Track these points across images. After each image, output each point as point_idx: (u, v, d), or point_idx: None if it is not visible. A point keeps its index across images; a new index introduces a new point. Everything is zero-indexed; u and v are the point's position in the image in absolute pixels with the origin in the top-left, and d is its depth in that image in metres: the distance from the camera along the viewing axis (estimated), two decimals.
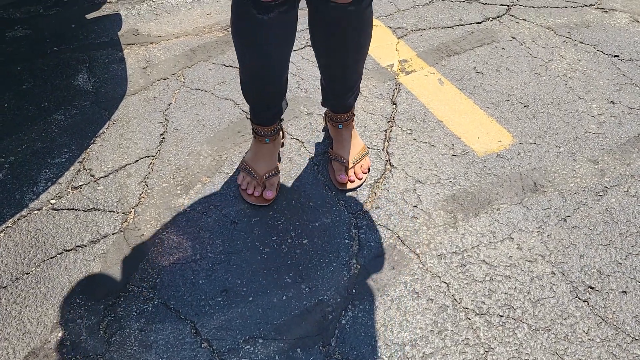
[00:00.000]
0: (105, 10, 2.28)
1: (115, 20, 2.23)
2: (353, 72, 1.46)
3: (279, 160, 1.65)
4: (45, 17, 2.22)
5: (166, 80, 1.96)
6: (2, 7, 2.19)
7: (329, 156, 1.64)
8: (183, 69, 2.01)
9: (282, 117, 1.63)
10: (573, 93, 1.93)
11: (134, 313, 1.28)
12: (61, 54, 2.04)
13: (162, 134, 1.74)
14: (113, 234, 1.44)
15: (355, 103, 1.65)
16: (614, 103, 1.89)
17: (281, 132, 1.65)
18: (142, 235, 1.44)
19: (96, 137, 1.72)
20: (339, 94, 1.53)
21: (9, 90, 1.87)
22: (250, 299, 1.32)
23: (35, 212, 1.49)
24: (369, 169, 1.62)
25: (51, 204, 1.51)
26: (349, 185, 1.57)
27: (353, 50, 1.38)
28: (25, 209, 1.49)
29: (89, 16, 2.23)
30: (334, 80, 1.49)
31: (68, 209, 1.50)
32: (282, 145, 1.70)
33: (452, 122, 1.81)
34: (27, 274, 1.35)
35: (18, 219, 1.47)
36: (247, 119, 1.78)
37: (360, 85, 1.64)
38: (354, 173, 1.58)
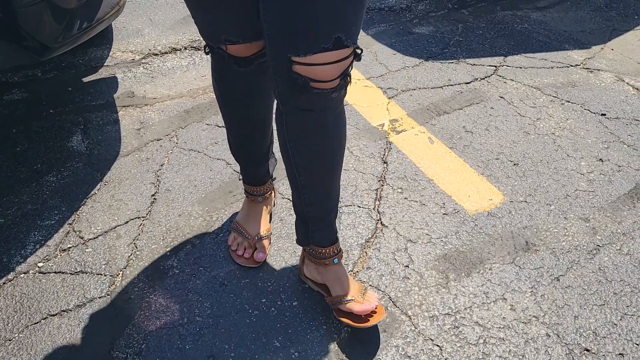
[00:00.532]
0: (102, 73, 2.33)
1: (111, 83, 2.27)
2: (337, 185, 1.30)
3: (270, 220, 1.64)
4: (42, 80, 2.27)
5: (159, 141, 1.98)
6: (0, 72, 2.24)
7: (331, 306, 1.36)
8: (177, 129, 2.04)
9: (273, 175, 1.64)
10: (562, 151, 1.95)
11: None
12: (57, 117, 2.07)
13: (153, 195, 1.74)
14: (99, 297, 1.42)
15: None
16: (602, 161, 1.90)
17: (272, 192, 1.65)
18: (129, 298, 1.42)
19: (87, 198, 1.72)
20: (327, 216, 1.32)
21: (3, 152, 1.89)
22: None
23: (22, 275, 1.47)
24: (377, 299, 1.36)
25: (38, 267, 1.49)
26: (378, 317, 1.30)
27: (338, 152, 1.24)
28: (11, 273, 1.48)
29: (86, 79, 2.28)
30: (319, 199, 1.29)
31: (55, 272, 1.48)
32: (274, 204, 1.70)
33: (443, 181, 1.82)
34: (10, 340, 1.31)
35: (4, 283, 1.45)
36: (239, 180, 1.79)
37: (347, 166, 1.45)
38: (371, 299, 1.34)
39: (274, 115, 1.28)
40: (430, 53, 2.57)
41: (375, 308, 1.32)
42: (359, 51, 1.10)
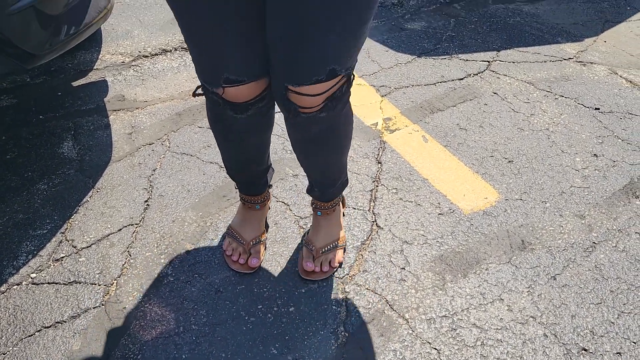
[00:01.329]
0: (92, 77, 2.30)
1: (101, 86, 2.25)
2: (334, 169, 1.40)
3: (266, 225, 1.63)
4: (32, 86, 2.24)
5: (151, 145, 1.96)
6: None
7: (303, 242, 1.57)
8: (169, 133, 2.02)
9: (270, 183, 1.62)
10: (556, 147, 1.94)
11: None
12: (47, 122, 2.05)
13: (146, 201, 1.73)
14: (94, 307, 1.40)
15: (343, 193, 1.55)
16: (597, 156, 1.90)
17: (269, 198, 1.64)
18: (124, 308, 1.40)
19: (79, 206, 1.70)
20: (323, 187, 1.45)
21: None
22: None
23: (15, 287, 1.46)
24: (340, 264, 1.52)
25: (31, 278, 1.48)
26: (312, 276, 1.48)
27: (332, 150, 1.32)
28: (4, 285, 1.46)
29: (76, 84, 2.26)
30: (316, 176, 1.43)
31: (48, 283, 1.46)
32: (269, 208, 1.69)
33: (438, 180, 1.81)
34: (4, 354, 1.30)
35: None
36: (235, 188, 1.77)
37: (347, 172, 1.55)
38: (320, 264, 1.48)
39: (270, 140, 1.43)
40: (422, 49, 2.55)
41: (313, 275, 1.47)
42: (351, 78, 1.15)
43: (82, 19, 1.64)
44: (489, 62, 2.44)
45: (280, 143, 1.96)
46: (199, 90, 1.22)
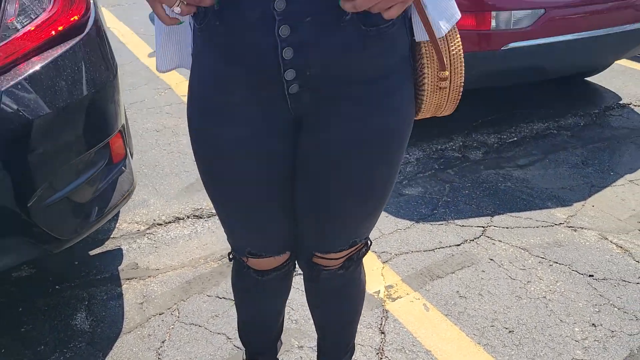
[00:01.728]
0: (108, 245, 2.44)
1: (116, 255, 2.37)
2: (347, 328, 1.50)
3: None
4: (50, 256, 2.36)
5: (161, 315, 2.03)
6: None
7: None
8: (178, 302, 2.09)
9: (277, 357, 1.66)
10: (554, 316, 2.00)
11: None
12: (62, 292, 2.13)
13: None
14: None
15: None
16: (595, 326, 1.95)
17: None
18: None
19: None
20: (334, 354, 1.54)
21: (7, 333, 1.92)
22: None
23: None
24: None
25: None
26: None
27: (346, 304, 1.43)
28: None
29: (92, 252, 2.38)
30: (329, 337, 1.52)
31: None
32: None
33: (441, 352, 1.84)
34: None
35: None
36: (243, 359, 1.81)
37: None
38: None
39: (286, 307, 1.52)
40: (420, 215, 2.71)
41: None
42: (369, 242, 1.32)
43: (108, 201, 1.80)
44: (484, 227, 2.58)
45: (285, 312, 2.02)
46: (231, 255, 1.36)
